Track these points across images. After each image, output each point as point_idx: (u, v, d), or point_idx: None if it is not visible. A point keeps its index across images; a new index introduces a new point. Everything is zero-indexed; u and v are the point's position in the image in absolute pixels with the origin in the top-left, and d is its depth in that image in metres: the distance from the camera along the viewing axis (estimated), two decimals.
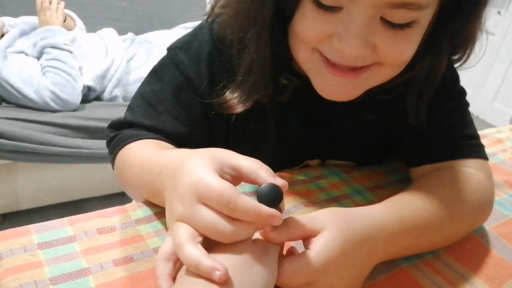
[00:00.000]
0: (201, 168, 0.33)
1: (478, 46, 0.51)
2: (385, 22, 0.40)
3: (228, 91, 0.52)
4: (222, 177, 0.34)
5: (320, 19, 0.41)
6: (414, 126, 0.55)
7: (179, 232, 0.32)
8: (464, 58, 0.52)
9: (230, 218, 0.32)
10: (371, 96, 0.51)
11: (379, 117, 0.58)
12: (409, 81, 0.51)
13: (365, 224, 0.40)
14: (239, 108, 0.51)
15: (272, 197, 0.34)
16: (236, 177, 0.36)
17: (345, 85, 0.45)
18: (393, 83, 0.49)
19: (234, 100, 0.51)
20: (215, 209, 0.32)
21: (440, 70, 0.50)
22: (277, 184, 0.34)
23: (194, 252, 0.30)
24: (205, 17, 0.55)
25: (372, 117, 0.57)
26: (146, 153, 0.48)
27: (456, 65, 0.54)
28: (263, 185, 0.34)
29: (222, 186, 0.32)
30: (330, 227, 0.37)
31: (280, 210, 0.35)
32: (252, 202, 0.32)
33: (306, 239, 0.38)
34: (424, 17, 0.41)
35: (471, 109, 0.59)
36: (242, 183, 0.37)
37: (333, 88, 0.46)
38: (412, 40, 0.43)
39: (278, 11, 0.44)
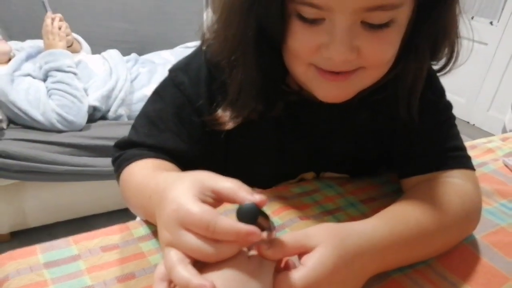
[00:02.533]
0: (181, 195, 0.35)
1: (464, 53, 0.53)
2: (366, 24, 0.43)
3: (220, 109, 0.54)
4: (204, 201, 0.36)
5: (307, 32, 0.44)
6: (406, 123, 0.56)
7: (169, 256, 0.34)
8: (450, 64, 0.54)
9: (213, 240, 0.34)
10: (364, 99, 0.54)
11: (371, 126, 0.61)
12: (397, 79, 0.53)
13: (358, 240, 0.41)
14: (230, 125, 0.54)
15: (248, 214, 0.35)
16: (217, 199, 0.37)
17: (339, 87, 0.48)
18: (382, 82, 0.51)
19: (226, 118, 0.54)
20: (198, 233, 0.34)
21: (424, 66, 0.52)
22: (254, 200, 0.35)
23: (184, 273, 0.32)
24: (199, 45, 0.58)
25: (365, 114, 0.59)
26: (142, 175, 0.50)
27: (441, 73, 0.56)
28: (243, 204, 0.36)
29: (200, 211, 0.34)
30: (324, 244, 0.39)
31: (261, 226, 0.36)
32: (230, 223, 0.34)
33: (301, 255, 0.39)
34: (400, 15, 0.44)
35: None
36: None
37: (329, 91, 0.49)
38: (392, 39, 0.46)
39: (263, 31, 0.47)
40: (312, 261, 0.37)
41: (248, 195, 0.36)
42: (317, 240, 0.39)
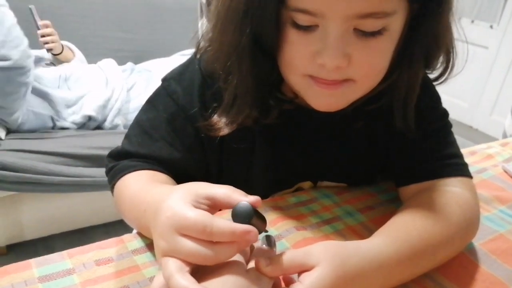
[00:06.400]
0: (175, 203, 0.36)
1: (464, 58, 0.53)
2: (358, 32, 0.43)
3: (215, 115, 0.55)
4: (198, 207, 0.36)
5: (302, 40, 0.45)
6: (402, 131, 0.56)
7: (167, 265, 0.34)
8: (446, 73, 0.54)
9: (211, 242, 0.34)
10: (359, 108, 0.54)
11: (367, 134, 0.61)
12: (391, 89, 0.53)
13: (361, 261, 0.41)
14: (225, 130, 0.54)
15: (243, 213, 0.36)
16: (212, 206, 0.37)
17: (332, 95, 0.48)
18: (376, 91, 0.52)
19: (221, 124, 0.54)
20: (195, 237, 0.34)
21: (418, 76, 0.52)
22: (248, 200, 0.36)
23: (183, 281, 0.33)
24: (193, 54, 0.58)
25: (360, 123, 0.59)
26: (136, 188, 0.50)
27: (437, 82, 0.56)
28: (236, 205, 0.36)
29: (196, 214, 0.34)
30: (324, 263, 0.38)
31: (258, 226, 0.36)
32: (226, 223, 0.34)
33: (300, 273, 0.39)
34: (393, 24, 0.44)
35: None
36: None
37: (322, 99, 0.49)
38: (384, 48, 0.46)
39: (258, 39, 0.47)
40: (310, 279, 0.37)
41: (242, 196, 0.37)
42: (317, 259, 0.38)
